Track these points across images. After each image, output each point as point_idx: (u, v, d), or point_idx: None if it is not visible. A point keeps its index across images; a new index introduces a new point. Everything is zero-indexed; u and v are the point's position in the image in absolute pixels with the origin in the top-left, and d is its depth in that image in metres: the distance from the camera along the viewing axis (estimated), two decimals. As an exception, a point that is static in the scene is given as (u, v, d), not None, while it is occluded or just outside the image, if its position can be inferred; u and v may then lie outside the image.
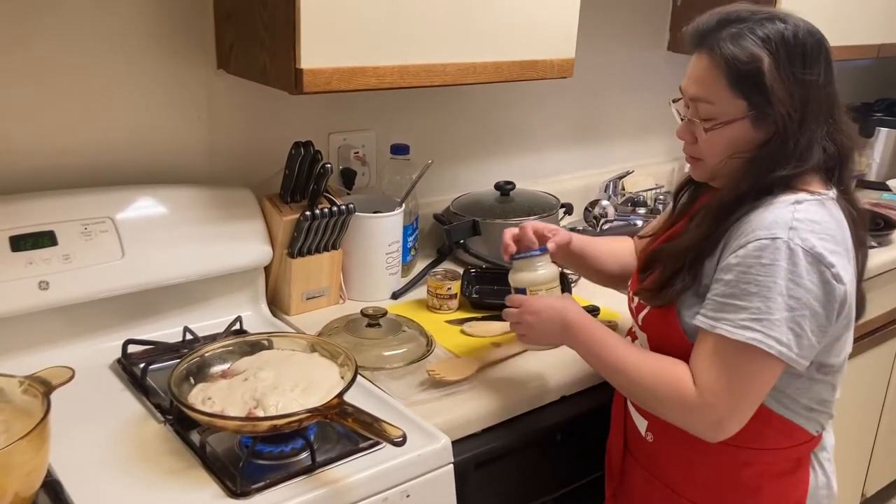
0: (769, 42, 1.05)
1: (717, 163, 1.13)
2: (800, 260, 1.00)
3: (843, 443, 2.24)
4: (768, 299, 1.01)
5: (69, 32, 1.32)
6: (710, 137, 1.11)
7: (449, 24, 1.35)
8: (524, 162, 2.08)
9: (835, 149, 1.10)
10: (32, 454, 0.87)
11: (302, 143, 1.46)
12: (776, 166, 1.07)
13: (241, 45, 1.38)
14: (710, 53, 1.08)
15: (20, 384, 0.96)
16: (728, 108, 1.08)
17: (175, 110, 1.47)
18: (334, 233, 1.51)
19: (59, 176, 1.37)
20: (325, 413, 1.05)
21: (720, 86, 1.08)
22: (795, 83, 1.05)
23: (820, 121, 1.08)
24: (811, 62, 1.06)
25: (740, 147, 1.10)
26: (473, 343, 1.43)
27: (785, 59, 1.05)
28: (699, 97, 1.11)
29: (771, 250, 1.01)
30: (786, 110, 1.05)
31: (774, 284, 1.01)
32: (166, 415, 1.16)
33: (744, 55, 1.05)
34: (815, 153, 1.08)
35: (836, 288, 1.03)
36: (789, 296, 1.00)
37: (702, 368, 1.07)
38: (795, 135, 1.06)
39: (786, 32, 1.05)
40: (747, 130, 1.09)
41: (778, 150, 1.07)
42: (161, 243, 1.36)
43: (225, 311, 1.45)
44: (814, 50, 1.07)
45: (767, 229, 1.03)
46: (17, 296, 1.22)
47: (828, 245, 1.02)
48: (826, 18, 2.08)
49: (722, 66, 1.07)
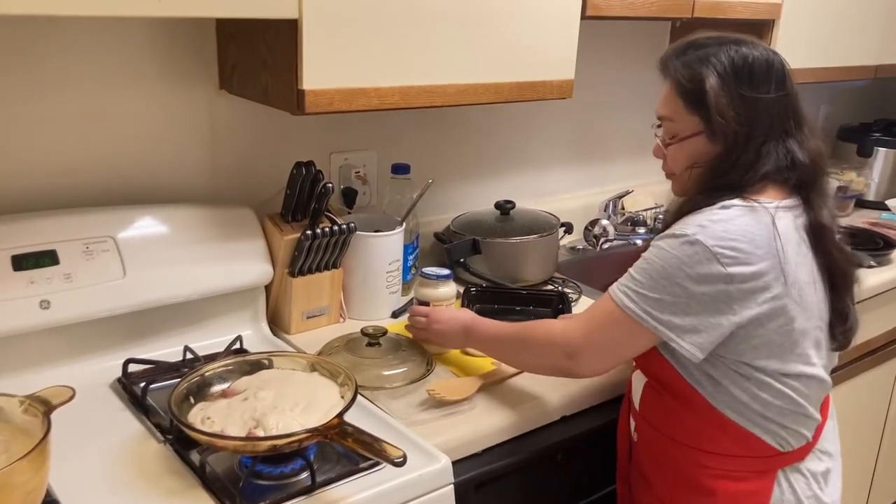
0: (718, 64, 1.15)
1: (683, 174, 1.24)
2: (698, 255, 1.09)
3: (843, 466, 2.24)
4: (653, 279, 1.11)
5: (72, 53, 1.34)
6: (672, 152, 1.23)
7: (450, 46, 1.37)
8: (524, 181, 2.09)
9: (790, 161, 1.16)
10: (32, 474, 0.87)
11: (303, 163, 1.47)
12: (725, 174, 1.16)
13: (244, 65, 1.39)
14: (668, 78, 1.21)
15: (20, 404, 0.96)
16: (686, 125, 1.20)
17: (177, 130, 1.48)
18: (335, 252, 1.52)
19: (61, 195, 1.38)
20: (325, 433, 1.05)
21: (678, 105, 1.20)
22: (740, 100, 1.14)
23: (771, 135, 1.16)
24: (759, 80, 1.15)
25: (700, 159, 1.20)
26: (474, 363, 1.43)
27: (731, 78, 1.14)
28: (664, 116, 1.24)
29: (676, 243, 1.11)
30: (730, 125, 1.14)
31: (663, 268, 1.11)
32: (166, 434, 1.16)
33: (690, 76, 1.17)
34: (765, 164, 1.15)
35: (728, 287, 1.08)
36: (674, 282, 1.10)
37: (576, 319, 1.22)
38: (743, 147, 1.15)
39: (736, 56, 1.15)
40: (704, 144, 1.19)
41: (727, 161, 1.16)
42: (162, 262, 1.36)
43: (225, 331, 1.45)
44: (762, 68, 1.15)
45: (685, 225, 1.12)
46: (19, 315, 1.22)
47: (736, 244, 1.08)
48: (824, 39, 2.11)
49: (676, 87, 1.19)
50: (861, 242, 2.17)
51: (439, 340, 1.40)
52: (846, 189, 2.51)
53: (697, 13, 1.76)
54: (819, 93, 2.92)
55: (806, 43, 2.07)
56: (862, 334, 2.03)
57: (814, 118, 1.25)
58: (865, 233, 2.26)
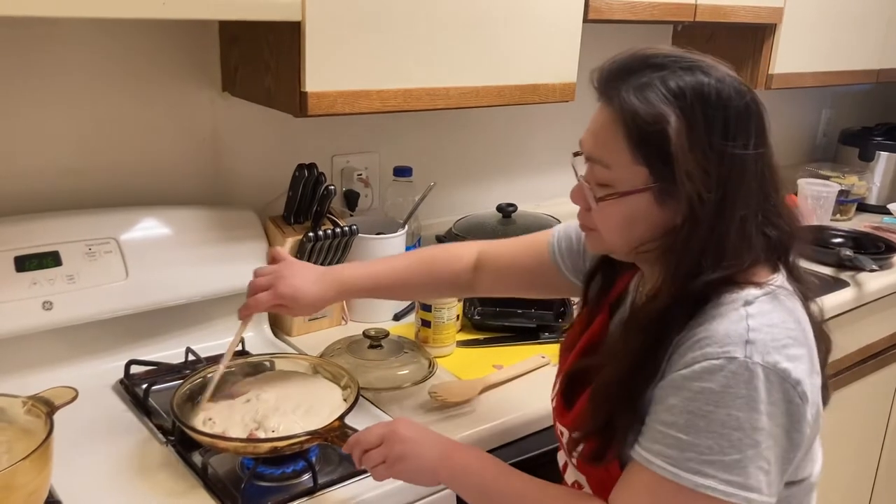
0: (682, 98, 0.83)
1: (615, 241, 0.93)
2: (760, 383, 0.81)
3: (844, 471, 2.24)
4: (721, 436, 0.81)
5: (74, 56, 1.34)
6: (602, 208, 0.90)
7: (452, 48, 1.37)
8: (526, 184, 2.09)
9: (777, 235, 0.89)
10: (35, 475, 0.87)
11: (306, 166, 1.47)
12: (702, 264, 0.85)
13: (247, 67, 1.40)
14: (610, 104, 0.88)
15: (23, 404, 0.96)
16: (626, 176, 0.87)
17: (180, 132, 1.48)
18: (337, 254, 1.52)
19: (64, 197, 1.38)
20: (327, 435, 1.05)
21: (619, 147, 0.86)
22: (712, 155, 0.83)
23: (751, 204, 0.86)
24: (736, 129, 0.84)
25: (640, 227, 0.89)
26: (475, 366, 1.43)
27: (701, 122, 0.83)
28: (595, 157, 0.90)
29: (724, 374, 0.81)
30: (696, 188, 0.82)
31: (728, 418, 0.80)
32: (168, 436, 1.16)
33: (647, 112, 0.83)
34: (752, 245, 0.87)
35: (801, 408, 0.84)
36: (752, 427, 0.81)
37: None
38: (711, 221, 0.84)
39: (706, 88, 0.84)
40: (650, 207, 0.87)
41: (694, 240, 0.85)
42: (165, 264, 1.36)
43: (227, 332, 1.44)
44: (741, 114, 0.85)
45: (719, 345, 0.82)
46: (22, 316, 1.23)
47: (791, 351, 0.83)
48: (826, 43, 2.12)
49: (621, 123, 0.86)
50: (863, 246, 2.18)
51: (406, 474, 1.00)
52: (847, 193, 2.51)
53: (699, 17, 1.76)
54: (821, 97, 2.92)
55: (808, 47, 2.07)
56: (863, 338, 2.05)
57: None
58: (867, 237, 2.26)
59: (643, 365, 0.87)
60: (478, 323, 1.60)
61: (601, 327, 1.04)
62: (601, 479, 0.95)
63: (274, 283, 1.16)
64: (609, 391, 0.90)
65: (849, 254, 2.02)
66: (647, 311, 0.89)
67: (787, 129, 2.87)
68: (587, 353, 1.04)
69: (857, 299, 1.94)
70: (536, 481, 0.97)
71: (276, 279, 1.16)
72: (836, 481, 2.23)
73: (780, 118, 2.80)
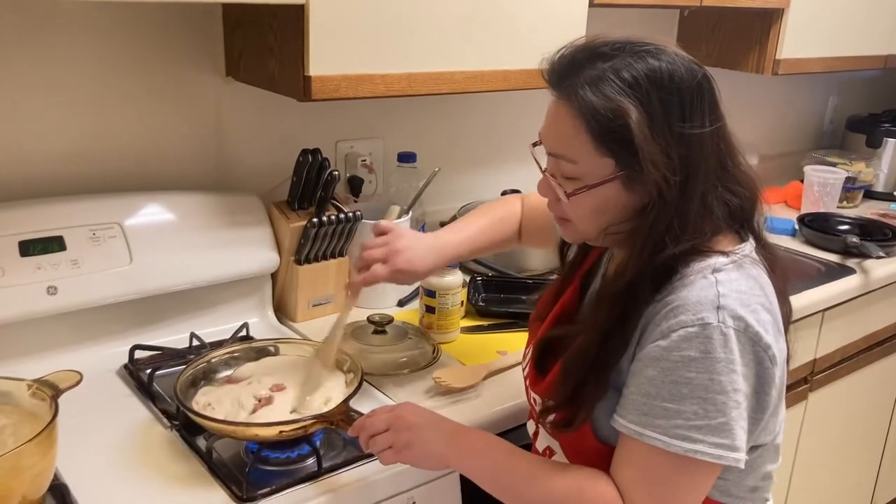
0: (638, 88, 0.85)
1: (587, 229, 0.96)
2: (734, 346, 0.84)
3: (851, 457, 2.24)
4: (705, 401, 0.84)
5: (78, 40, 1.33)
6: (573, 201, 0.93)
7: (457, 33, 1.36)
8: (530, 171, 2.06)
9: (738, 202, 0.93)
10: (40, 457, 0.87)
11: (310, 151, 1.47)
12: (665, 240, 0.88)
13: (250, 52, 1.39)
14: (568, 101, 0.89)
15: (28, 387, 0.97)
16: (593, 168, 0.89)
17: (184, 117, 1.48)
18: (341, 240, 1.52)
19: (68, 182, 1.38)
20: (331, 419, 1.05)
21: (582, 141, 0.88)
22: (673, 139, 0.86)
23: (710, 178, 0.89)
24: (692, 111, 0.87)
25: (610, 213, 0.92)
26: (480, 351, 1.43)
27: (659, 110, 0.85)
28: (559, 154, 0.93)
29: (701, 340, 0.84)
30: (661, 173, 0.85)
31: (711, 382, 0.84)
32: (173, 420, 1.16)
33: (606, 108, 0.85)
34: (713, 215, 0.90)
35: (770, 371, 0.87)
36: (732, 390, 0.84)
37: (631, 483, 0.89)
38: (677, 200, 0.87)
39: (658, 73, 0.86)
40: (619, 193, 0.90)
41: (660, 220, 0.88)
42: (169, 249, 1.36)
43: (231, 318, 1.46)
44: (694, 95, 0.87)
45: (692, 312, 0.85)
46: (26, 301, 1.23)
47: (760, 316, 0.87)
48: (833, 29, 2.10)
49: (582, 119, 0.87)
50: (869, 233, 2.17)
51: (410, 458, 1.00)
52: (854, 180, 2.50)
53: (706, 2, 1.75)
54: (828, 83, 2.90)
55: (815, 32, 2.05)
56: (870, 325, 2.05)
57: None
58: (874, 224, 2.25)
59: (612, 336, 0.91)
60: (482, 309, 1.59)
61: (572, 297, 1.07)
62: (572, 443, 0.99)
63: (390, 257, 1.16)
64: (579, 360, 0.93)
65: (855, 241, 2.01)
66: (615, 287, 0.92)
67: (794, 116, 2.85)
68: (559, 322, 1.06)
69: (863, 286, 1.93)
70: (545, 461, 1.00)
71: (390, 252, 1.17)
72: (842, 467, 2.24)
73: (787, 104, 2.78)
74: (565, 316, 1.07)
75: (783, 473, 2.00)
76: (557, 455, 1.03)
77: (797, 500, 2.07)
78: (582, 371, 0.92)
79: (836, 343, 1.97)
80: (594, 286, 1.06)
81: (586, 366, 0.92)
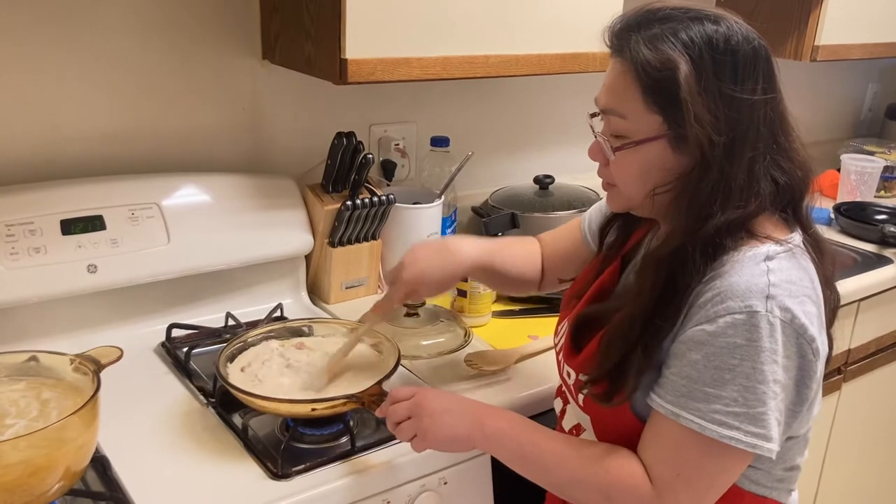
0: (691, 46, 0.86)
1: (633, 192, 0.95)
2: (780, 336, 0.84)
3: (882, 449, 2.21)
4: (746, 388, 0.84)
5: (117, 24, 1.35)
6: (619, 159, 0.93)
7: (492, 16, 1.36)
8: (563, 156, 2.07)
9: (787, 181, 0.91)
10: (83, 430, 0.89)
11: (344, 134, 1.47)
12: (709, 206, 0.87)
13: (287, 35, 1.40)
14: (621, 56, 0.91)
15: (71, 362, 0.99)
16: (641, 125, 0.90)
17: (220, 100, 1.49)
18: (374, 223, 1.53)
19: (108, 162, 1.40)
20: (363, 400, 1.06)
21: (633, 96, 0.89)
22: (721, 100, 0.86)
23: (759, 147, 0.88)
24: (745, 74, 0.87)
25: (656, 174, 0.91)
26: (511, 335, 1.43)
27: (710, 68, 0.85)
28: (610, 109, 0.93)
29: (748, 328, 0.83)
30: (706, 133, 0.85)
31: (753, 371, 0.83)
32: (209, 397, 1.18)
33: (657, 60, 0.86)
34: (761, 188, 0.89)
35: (813, 364, 0.87)
36: (773, 381, 0.84)
37: (659, 462, 0.90)
38: (720, 163, 0.86)
39: (715, 36, 0.86)
40: (665, 154, 0.90)
41: (705, 182, 0.87)
42: (205, 230, 1.38)
43: (266, 298, 1.47)
44: (748, 59, 0.87)
45: (741, 299, 0.84)
46: (67, 278, 1.25)
47: (807, 308, 0.86)
48: (874, 14, 2.06)
49: (634, 73, 0.88)
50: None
51: (431, 440, 1.00)
52: (893, 169, 2.46)
53: (747, -16, 1.72)
54: (867, 70, 2.85)
55: (856, 18, 2.01)
56: (877, 329, 1.99)
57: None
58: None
59: (661, 306, 0.89)
60: (513, 294, 1.60)
61: (612, 275, 1.06)
62: (606, 417, 0.98)
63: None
64: (624, 331, 0.91)
65: (892, 230, 1.98)
66: (660, 252, 0.91)
67: (832, 103, 2.80)
68: (598, 299, 1.05)
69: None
70: (572, 440, 1.00)
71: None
72: (874, 458, 2.21)
73: (825, 92, 2.73)
74: (605, 293, 1.06)
75: (814, 464, 1.98)
76: (586, 432, 1.03)
77: (828, 490, 2.05)
78: (626, 342, 0.91)
79: (872, 333, 1.94)
80: (634, 265, 1.04)
81: (631, 337, 0.90)
